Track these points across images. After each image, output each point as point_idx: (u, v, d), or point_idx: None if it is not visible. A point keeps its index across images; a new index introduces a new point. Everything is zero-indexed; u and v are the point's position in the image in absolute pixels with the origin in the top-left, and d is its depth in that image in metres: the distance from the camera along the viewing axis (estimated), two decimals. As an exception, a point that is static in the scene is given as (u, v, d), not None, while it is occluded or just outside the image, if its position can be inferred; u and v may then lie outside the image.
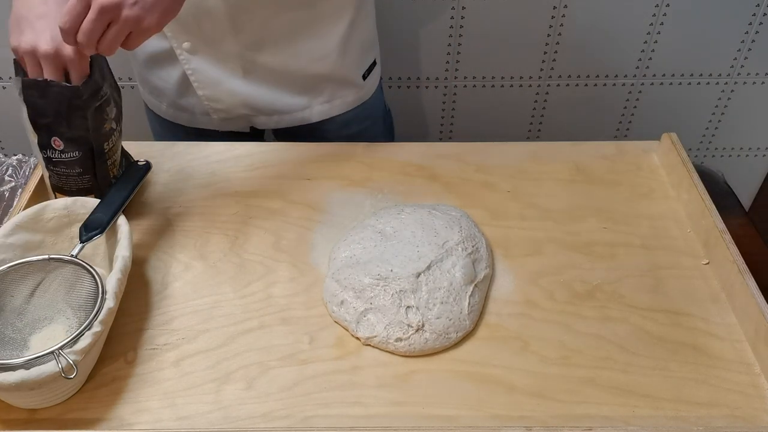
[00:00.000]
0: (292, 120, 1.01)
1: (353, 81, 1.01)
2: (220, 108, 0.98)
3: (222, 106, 0.98)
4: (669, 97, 1.52)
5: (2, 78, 1.42)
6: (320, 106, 1.01)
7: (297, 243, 0.80)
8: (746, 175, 1.68)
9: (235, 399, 0.64)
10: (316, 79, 0.98)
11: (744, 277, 0.71)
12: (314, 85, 0.99)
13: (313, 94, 1.00)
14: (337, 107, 1.02)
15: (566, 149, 0.95)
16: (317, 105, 1.01)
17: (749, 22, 1.40)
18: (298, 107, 1.00)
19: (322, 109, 1.01)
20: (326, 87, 1.00)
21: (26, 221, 0.72)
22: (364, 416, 0.63)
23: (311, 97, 1.00)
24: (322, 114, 1.02)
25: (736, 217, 0.87)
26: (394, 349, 0.68)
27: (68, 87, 0.72)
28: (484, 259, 0.76)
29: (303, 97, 0.99)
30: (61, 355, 0.58)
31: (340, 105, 1.02)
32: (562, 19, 1.38)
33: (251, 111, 0.99)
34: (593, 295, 0.74)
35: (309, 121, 1.02)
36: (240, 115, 1.00)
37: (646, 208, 0.86)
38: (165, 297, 0.74)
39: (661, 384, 0.66)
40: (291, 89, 0.98)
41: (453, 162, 0.93)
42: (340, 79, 1.00)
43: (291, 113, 1.00)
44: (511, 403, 0.64)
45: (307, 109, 1.01)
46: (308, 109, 1.01)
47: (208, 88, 0.95)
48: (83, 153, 0.76)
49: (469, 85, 1.49)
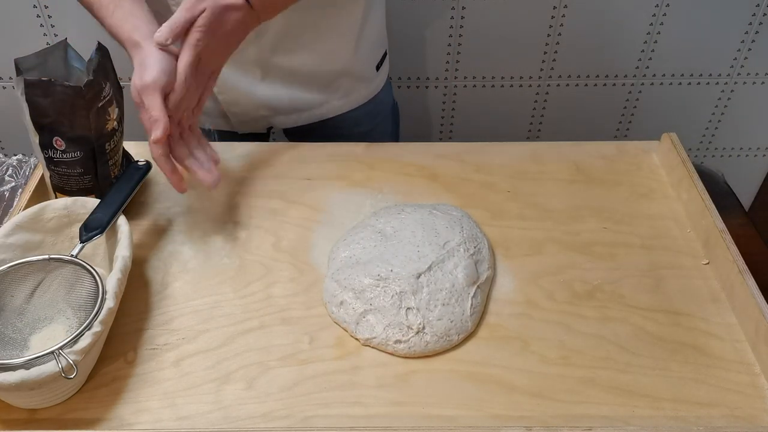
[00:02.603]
0: (309, 117, 1.02)
1: (367, 74, 1.02)
2: (239, 111, 0.98)
3: (240, 109, 0.98)
4: (669, 97, 1.52)
5: (2, 78, 1.42)
6: (337, 101, 1.02)
7: (297, 243, 0.80)
8: (746, 175, 1.68)
9: (235, 399, 0.64)
10: (332, 75, 0.99)
11: (744, 277, 0.71)
12: (331, 81, 0.99)
13: (330, 90, 1.00)
14: (353, 101, 1.03)
15: (566, 149, 0.95)
16: (334, 101, 1.02)
17: (749, 22, 1.40)
18: (316, 104, 1.01)
19: (339, 104, 1.02)
20: (342, 82, 1.00)
21: (26, 221, 0.72)
22: (364, 416, 0.63)
23: (329, 93, 1.01)
24: (339, 109, 1.02)
25: (736, 217, 0.87)
26: (394, 351, 0.68)
27: (71, 87, 0.72)
28: (486, 260, 0.76)
29: (320, 94, 1.00)
30: (61, 355, 0.58)
31: (355, 99, 1.03)
32: (562, 19, 1.38)
33: (269, 112, 1.00)
34: (593, 295, 0.74)
35: (326, 117, 1.02)
36: (259, 116, 1.00)
37: (646, 208, 0.86)
38: (165, 297, 0.74)
39: (661, 384, 0.66)
40: (309, 87, 0.99)
41: (453, 162, 0.93)
42: (355, 73, 1.01)
43: (309, 110, 1.01)
44: (511, 403, 0.64)
45: (325, 105, 1.01)
46: (326, 105, 1.01)
47: (228, 93, 0.96)
48: (85, 153, 0.76)
49: (469, 85, 1.49)
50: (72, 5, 1.29)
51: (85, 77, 0.75)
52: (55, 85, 0.71)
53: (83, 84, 0.72)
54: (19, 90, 0.73)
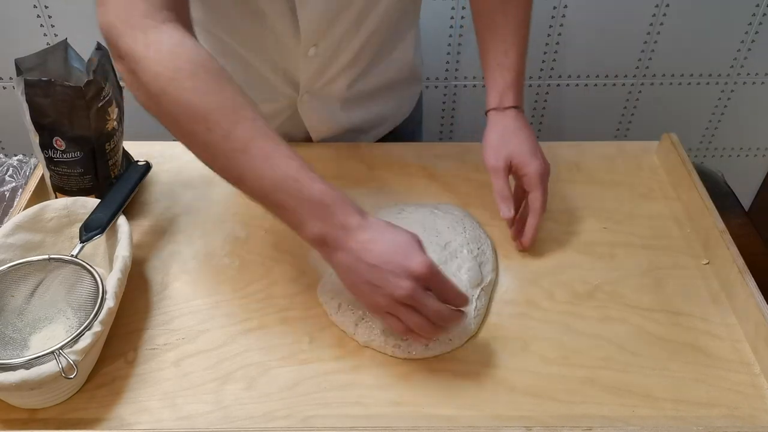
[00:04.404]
0: (387, 128, 1.03)
1: (420, 72, 1.04)
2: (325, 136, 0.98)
3: (326, 134, 0.97)
4: (669, 97, 1.52)
5: (2, 78, 1.42)
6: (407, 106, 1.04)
7: (297, 243, 0.80)
8: (746, 175, 1.68)
9: (235, 399, 0.64)
10: (400, 84, 1.00)
11: (744, 277, 0.71)
12: (400, 90, 1.01)
13: (399, 97, 1.02)
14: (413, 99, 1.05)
15: (566, 149, 0.95)
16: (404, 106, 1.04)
17: (749, 22, 1.40)
18: (390, 113, 1.02)
19: (405, 107, 1.04)
20: (407, 87, 1.02)
21: (26, 221, 0.72)
22: (364, 416, 0.63)
23: (398, 100, 1.02)
24: (405, 112, 1.04)
25: (736, 217, 0.87)
26: (393, 354, 0.68)
27: (71, 87, 0.72)
28: (490, 262, 0.76)
29: (393, 103, 1.01)
30: (61, 355, 0.58)
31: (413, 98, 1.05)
32: (562, 19, 1.38)
33: (353, 133, 1.00)
34: (593, 295, 0.74)
35: (398, 123, 1.04)
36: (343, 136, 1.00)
37: (646, 208, 0.86)
38: (165, 297, 0.74)
39: (661, 384, 0.66)
40: (384, 102, 0.99)
41: (453, 162, 0.93)
42: (415, 76, 1.03)
43: (386, 123, 1.02)
44: (511, 403, 0.64)
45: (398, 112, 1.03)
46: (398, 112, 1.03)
47: (313, 121, 0.95)
48: (85, 153, 0.76)
49: (469, 85, 1.49)
50: (72, 5, 1.30)
51: (85, 77, 0.75)
52: (55, 85, 0.71)
53: (83, 84, 0.72)
54: (20, 90, 0.73)
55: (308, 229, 0.61)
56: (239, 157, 0.60)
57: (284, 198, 0.61)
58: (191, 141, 0.62)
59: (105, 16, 0.62)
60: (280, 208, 0.62)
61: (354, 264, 0.61)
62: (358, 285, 0.62)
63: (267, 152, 0.60)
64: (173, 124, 0.62)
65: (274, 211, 0.63)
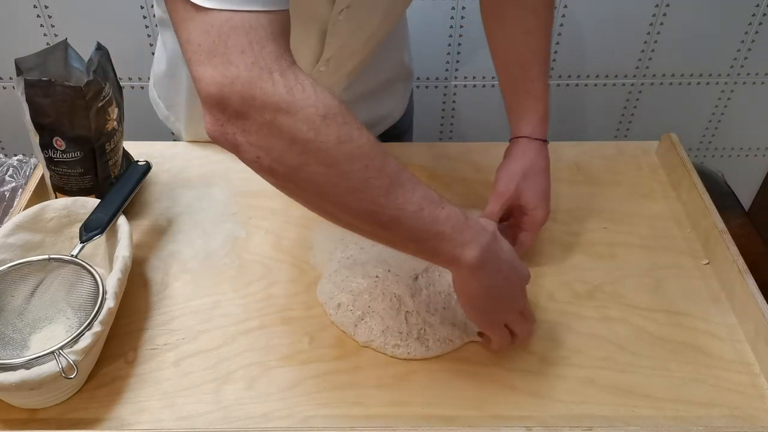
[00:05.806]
0: (384, 126, 1.03)
1: (412, 69, 1.05)
2: None
3: None
4: (669, 97, 1.51)
5: (2, 78, 1.42)
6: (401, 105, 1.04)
7: (297, 243, 0.80)
8: (746, 175, 1.68)
9: (235, 399, 0.64)
10: (394, 82, 1.01)
11: (744, 277, 0.71)
12: (393, 88, 1.01)
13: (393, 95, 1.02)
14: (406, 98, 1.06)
15: (566, 149, 0.95)
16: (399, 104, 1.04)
17: (749, 23, 1.40)
18: (386, 112, 1.02)
19: (400, 105, 1.05)
20: (399, 85, 1.03)
21: (26, 221, 0.72)
22: (364, 416, 0.63)
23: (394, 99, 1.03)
24: (401, 110, 1.05)
25: (736, 217, 0.87)
26: (393, 354, 0.68)
27: (71, 87, 0.72)
28: None
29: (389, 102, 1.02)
30: (61, 355, 0.58)
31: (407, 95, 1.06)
32: (562, 19, 1.38)
33: None
34: (593, 295, 0.74)
35: (395, 121, 1.04)
36: None
37: (646, 208, 0.86)
38: (165, 297, 0.74)
39: (661, 384, 0.66)
40: (380, 101, 1.00)
41: (453, 162, 0.93)
42: (407, 73, 1.03)
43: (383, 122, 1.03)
44: (511, 403, 0.64)
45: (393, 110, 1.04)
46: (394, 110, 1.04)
47: None
48: (85, 153, 0.76)
49: (469, 85, 1.49)
50: (72, 5, 1.30)
51: (85, 77, 0.75)
52: (55, 85, 0.71)
53: (83, 84, 0.72)
54: (20, 90, 0.73)
55: (467, 253, 0.57)
56: (396, 191, 0.55)
57: (443, 229, 0.57)
58: (347, 180, 0.54)
59: (226, 69, 0.51)
60: (437, 238, 0.57)
61: (495, 279, 0.60)
62: (495, 298, 0.62)
63: (415, 182, 0.56)
64: (331, 167, 0.53)
65: (423, 246, 0.58)
